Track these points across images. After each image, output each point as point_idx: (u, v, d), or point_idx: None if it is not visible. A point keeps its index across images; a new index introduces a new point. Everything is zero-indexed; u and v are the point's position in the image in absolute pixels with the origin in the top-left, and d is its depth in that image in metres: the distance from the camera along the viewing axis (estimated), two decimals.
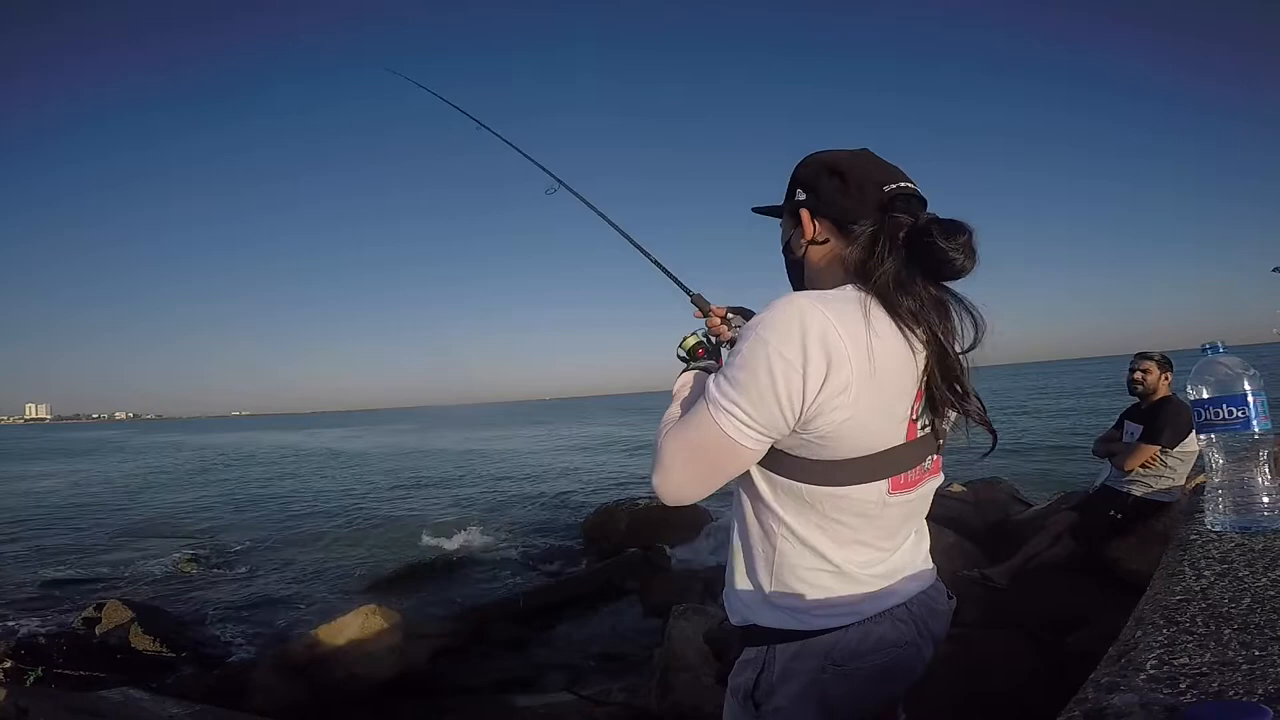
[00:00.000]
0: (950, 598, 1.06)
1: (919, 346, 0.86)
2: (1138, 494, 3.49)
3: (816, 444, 0.85)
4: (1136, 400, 3.63)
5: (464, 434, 36.71)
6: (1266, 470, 1.06)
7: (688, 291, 1.37)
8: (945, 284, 0.89)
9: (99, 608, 5.51)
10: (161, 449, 37.69)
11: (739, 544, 0.99)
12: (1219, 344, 1.09)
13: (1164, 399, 3.51)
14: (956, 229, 0.85)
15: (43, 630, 5.48)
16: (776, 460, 0.90)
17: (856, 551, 0.93)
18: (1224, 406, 1.05)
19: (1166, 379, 3.53)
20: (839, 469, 0.87)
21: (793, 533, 0.91)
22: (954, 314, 0.89)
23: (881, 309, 0.85)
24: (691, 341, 1.29)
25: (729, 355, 0.89)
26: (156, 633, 5.05)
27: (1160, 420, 3.42)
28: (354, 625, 4.20)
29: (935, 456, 0.96)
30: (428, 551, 8.43)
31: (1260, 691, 0.58)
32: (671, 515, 8.07)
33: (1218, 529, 1.12)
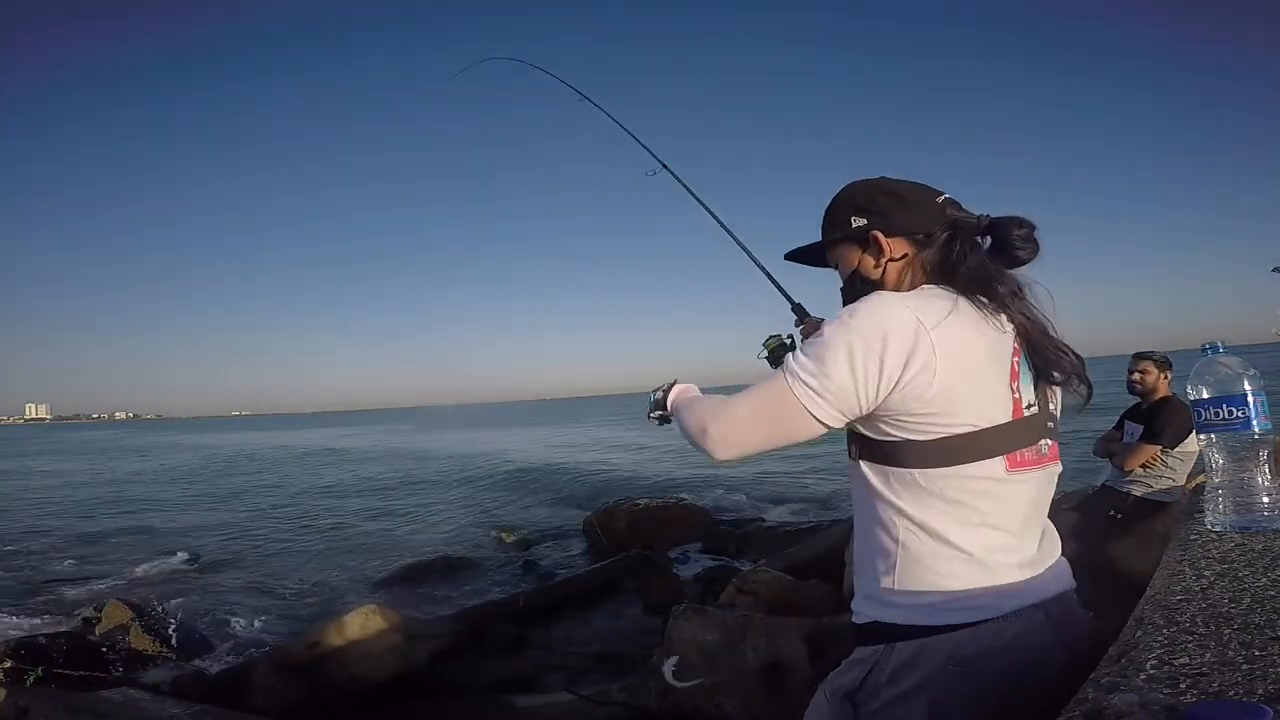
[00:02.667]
0: (1086, 610, 0.99)
1: (1007, 328, 0.92)
2: (1138, 494, 3.49)
3: (915, 424, 0.88)
4: (1137, 400, 3.63)
5: (463, 433, 36.70)
6: (1266, 470, 1.06)
7: (790, 299, 1.39)
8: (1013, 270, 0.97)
9: (99, 608, 5.51)
10: (162, 449, 37.68)
11: (861, 543, 0.99)
12: (1219, 344, 1.09)
13: (1164, 399, 3.51)
14: (1025, 223, 0.96)
15: (43, 630, 5.48)
16: (884, 451, 0.91)
17: (987, 535, 0.90)
18: (1224, 406, 1.05)
19: (1165, 378, 3.53)
20: (948, 448, 0.88)
21: (914, 521, 0.90)
22: (1028, 293, 0.96)
23: (966, 299, 0.91)
24: (774, 344, 1.33)
25: (813, 337, 0.93)
26: (156, 633, 5.05)
27: (1161, 420, 3.42)
28: (354, 625, 4.19)
29: (1050, 442, 0.96)
30: (428, 551, 8.42)
31: (1260, 691, 0.58)
32: (672, 515, 8.07)
33: (1218, 529, 1.12)
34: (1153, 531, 3.31)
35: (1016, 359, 0.92)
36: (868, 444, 0.93)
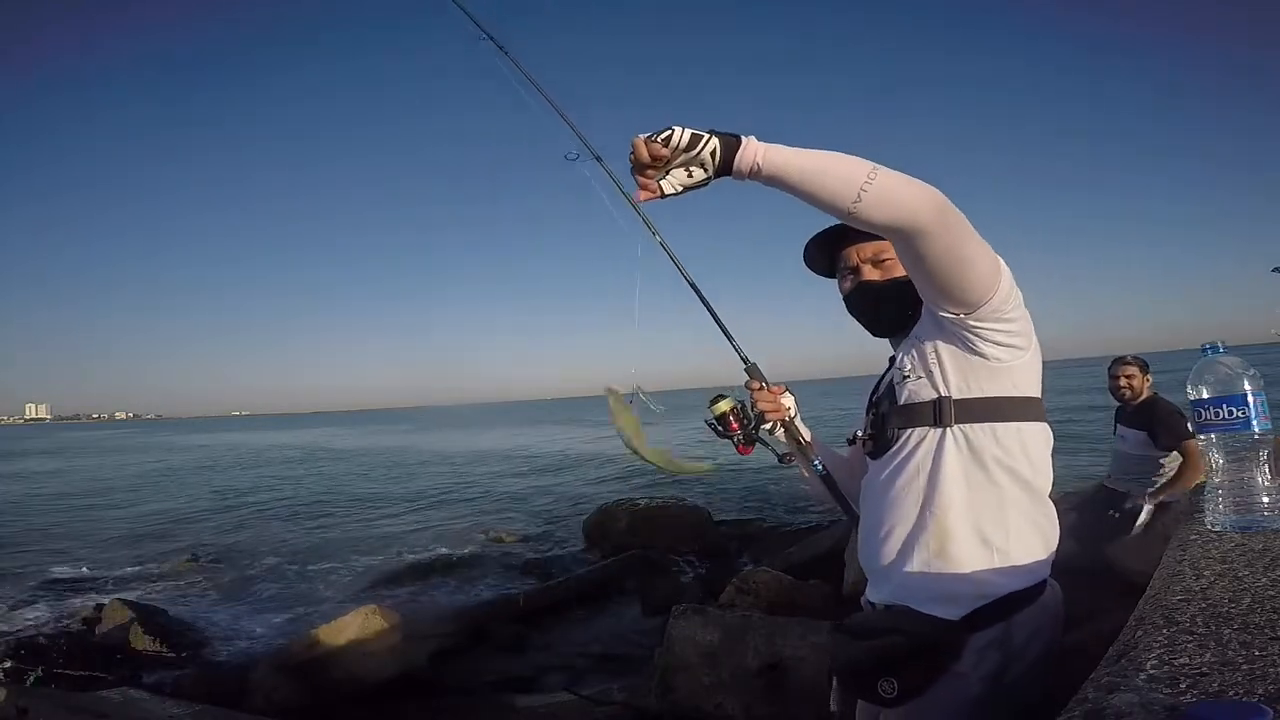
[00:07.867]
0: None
1: None
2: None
3: (1019, 367, 1.02)
4: (1118, 406, 3.64)
5: (463, 434, 36.71)
6: (1266, 470, 1.06)
7: (745, 360, 1.23)
8: None
9: (99, 608, 5.52)
10: (162, 449, 37.68)
11: (961, 523, 0.99)
12: (1219, 344, 1.09)
13: (1151, 399, 3.54)
14: None
15: (43, 630, 5.48)
16: (998, 407, 1.00)
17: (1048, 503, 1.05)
18: (1224, 406, 1.05)
19: (1148, 380, 3.57)
20: (1035, 406, 1.04)
21: (1019, 477, 1.01)
22: None
23: None
24: (724, 407, 1.15)
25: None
26: (156, 633, 5.05)
27: (1165, 420, 3.42)
28: (354, 625, 4.20)
29: None
30: (428, 551, 8.42)
31: (1260, 691, 0.58)
32: (671, 515, 8.05)
33: (1218, 529, 1.12)
34: (1153, 531, 3.31)
35: None
36: (972, 405, 1.00)
